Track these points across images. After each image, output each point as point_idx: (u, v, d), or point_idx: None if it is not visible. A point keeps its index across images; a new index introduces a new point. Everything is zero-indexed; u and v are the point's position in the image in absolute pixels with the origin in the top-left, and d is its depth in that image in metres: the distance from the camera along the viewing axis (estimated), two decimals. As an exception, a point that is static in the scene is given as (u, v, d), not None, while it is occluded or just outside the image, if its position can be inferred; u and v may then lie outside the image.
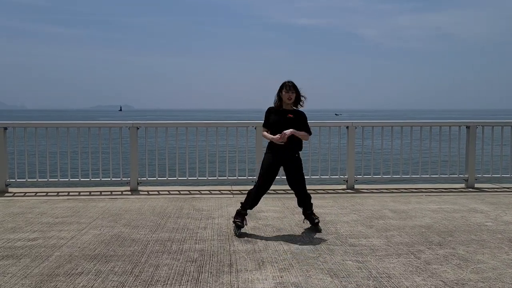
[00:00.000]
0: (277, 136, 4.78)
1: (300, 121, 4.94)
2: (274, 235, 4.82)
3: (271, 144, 4.95)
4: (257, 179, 5.03)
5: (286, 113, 4.94)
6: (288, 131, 4.76)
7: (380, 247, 4.39)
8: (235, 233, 4.84)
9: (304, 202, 5.07)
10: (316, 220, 5.07)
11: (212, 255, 4.11)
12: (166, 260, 3.97)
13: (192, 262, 3.92)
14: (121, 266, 3.81)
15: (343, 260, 3.99)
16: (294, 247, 4.38)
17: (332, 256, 4.10)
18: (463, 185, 7.79)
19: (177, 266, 3.81)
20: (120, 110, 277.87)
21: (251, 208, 5.02)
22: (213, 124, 7.63)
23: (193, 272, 3.69)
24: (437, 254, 4.16)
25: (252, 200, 4.95)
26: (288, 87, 4.91)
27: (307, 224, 5.20)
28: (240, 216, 4.93)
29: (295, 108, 4.99)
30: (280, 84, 4.96)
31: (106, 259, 3.98)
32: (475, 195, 7.10)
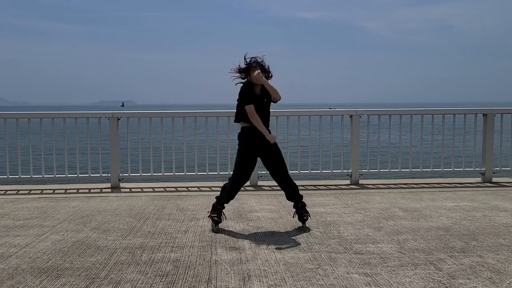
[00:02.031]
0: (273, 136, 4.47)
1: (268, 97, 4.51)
2: (266, 240, 4.09)
3: (248, 136, 4.48)
4: (233, 172, 4.54)
5: (261, 98, 4.46)
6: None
7: (391, 255, 3.66)
8: (212, 229, 4.38)
9: (294, 192, 4.54)
10: (305, 217, 4.51)
11: (188, 267, 3.39)
12: (131, 274, 3.25)
13: (163, 276, 3.21)
14: (74, 282, 3.10)
15: (347, 273, 3.26)
16: (288, 255, 3.65)
17: (334, 268, 3.37)
18: (479, 180, 7.03)
19: (142, 283, 3.09)
20: (122, 105, 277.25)
21: (227, 203, 4.57)
22: (202, 114, 6.89)
23: (161, 290, 2.97)
24: (462, 264, 3.42)
25: (227, 195, 4.51)
26: (258, 66, 4.40)
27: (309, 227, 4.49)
28: (217, 211, 4.49)
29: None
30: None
31: (58, 273, 3.27)
32: (495, 190, 6.36)
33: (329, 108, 9.75)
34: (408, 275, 3.22)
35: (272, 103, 4.57)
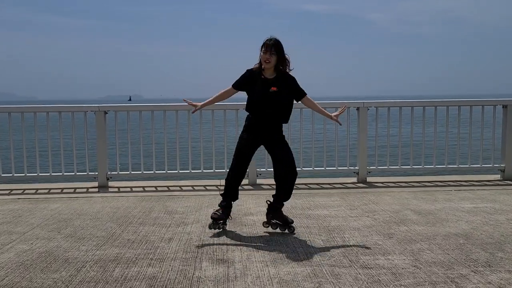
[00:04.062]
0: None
1: (290, 89, 4.00)
2: (260, 250, 3.58)
3: (251, 124, 4.00)
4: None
5: (268, 85, 3.89)
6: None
7: (405, 269, 3.13)
8: (209, 227, 4.07)
9: (286, 191, 4.05)
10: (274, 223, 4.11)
11: (165, 287, 2.88)
12: (97, 295, 2.76)
13: (133, 299, 2.71)
14: (26, 307, 2.61)
15: (353, 295, 2.75)
16: (284, 270, 3.14)
17: (337, 287, 2.85)
18: (498, 177, 6.46)
19: (107, 308, 2.60)
20: (130, 100, 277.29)
21: (233, 200, 4.17)
22: (196, 107, 6.36)
23: (128, 318, 2.47)
24: (489, 283, 2.89)
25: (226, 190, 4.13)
26: (268, 46, 3.84)
27: (308, 234, 3.98)
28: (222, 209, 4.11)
29: (279, 72, 3.95)
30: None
31: (11, 294, 2.79)
32: (516, 189, 5.79)
33: None
34: (425, 297, 2.70)
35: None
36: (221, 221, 4.06)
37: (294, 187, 4.08)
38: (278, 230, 4.07)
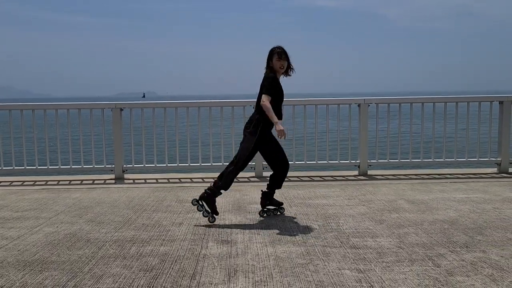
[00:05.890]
0: (282, 129, 4.19)
1: None
2: (260, 233, 3.97)
3: (266, 123, 4.33)
4: (237, 158, 4.42)
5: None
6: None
7: (389, 249, 3.48)
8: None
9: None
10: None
11: (175, 262, 3.29)
12: (116, 268, 3.17)
13: (147, 271, 3.11)
14: (56, 276, 3.03)
15: (339, 269, 3.11)
16: (280, 249, 3.52)
17: (326, 263, 3.22)
18: (495, 170, 6.74)
19: (125, 278, 3.00)
20: (143, 96, 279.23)
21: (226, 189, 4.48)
22: (206, 104, 6.78)
23: (143, 285, 2.88)
24: (463, 260, 3.23)
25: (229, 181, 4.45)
26: (280, 54, 4.31)
27: (306, 220, 4.35)
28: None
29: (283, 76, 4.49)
30: (269, 52, 4.37)
31: (42, 267, 3.21)
32: (510, 181, 6.07)
33: None
34: (403, 271, 3.05)
35: None
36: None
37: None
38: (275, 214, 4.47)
